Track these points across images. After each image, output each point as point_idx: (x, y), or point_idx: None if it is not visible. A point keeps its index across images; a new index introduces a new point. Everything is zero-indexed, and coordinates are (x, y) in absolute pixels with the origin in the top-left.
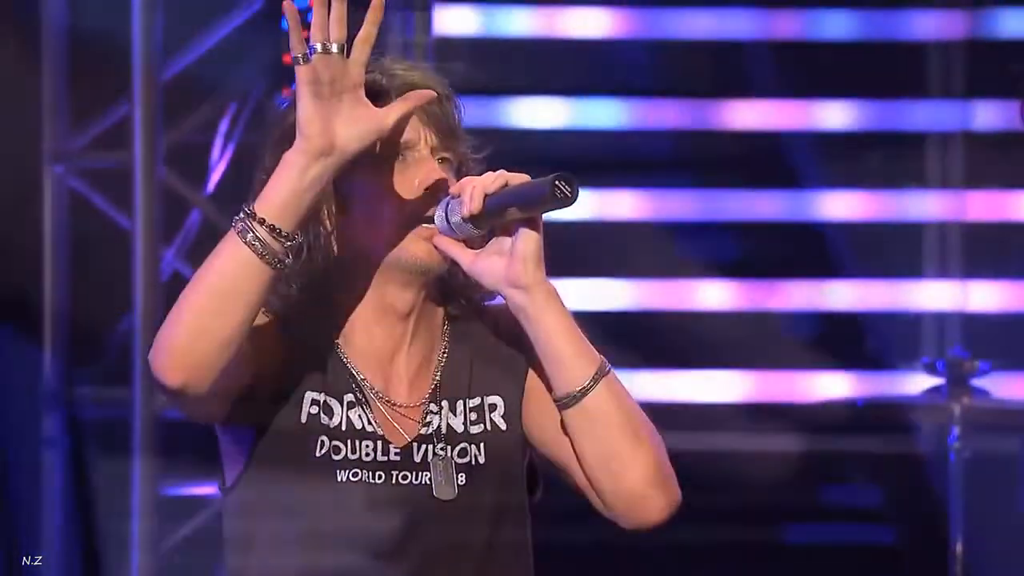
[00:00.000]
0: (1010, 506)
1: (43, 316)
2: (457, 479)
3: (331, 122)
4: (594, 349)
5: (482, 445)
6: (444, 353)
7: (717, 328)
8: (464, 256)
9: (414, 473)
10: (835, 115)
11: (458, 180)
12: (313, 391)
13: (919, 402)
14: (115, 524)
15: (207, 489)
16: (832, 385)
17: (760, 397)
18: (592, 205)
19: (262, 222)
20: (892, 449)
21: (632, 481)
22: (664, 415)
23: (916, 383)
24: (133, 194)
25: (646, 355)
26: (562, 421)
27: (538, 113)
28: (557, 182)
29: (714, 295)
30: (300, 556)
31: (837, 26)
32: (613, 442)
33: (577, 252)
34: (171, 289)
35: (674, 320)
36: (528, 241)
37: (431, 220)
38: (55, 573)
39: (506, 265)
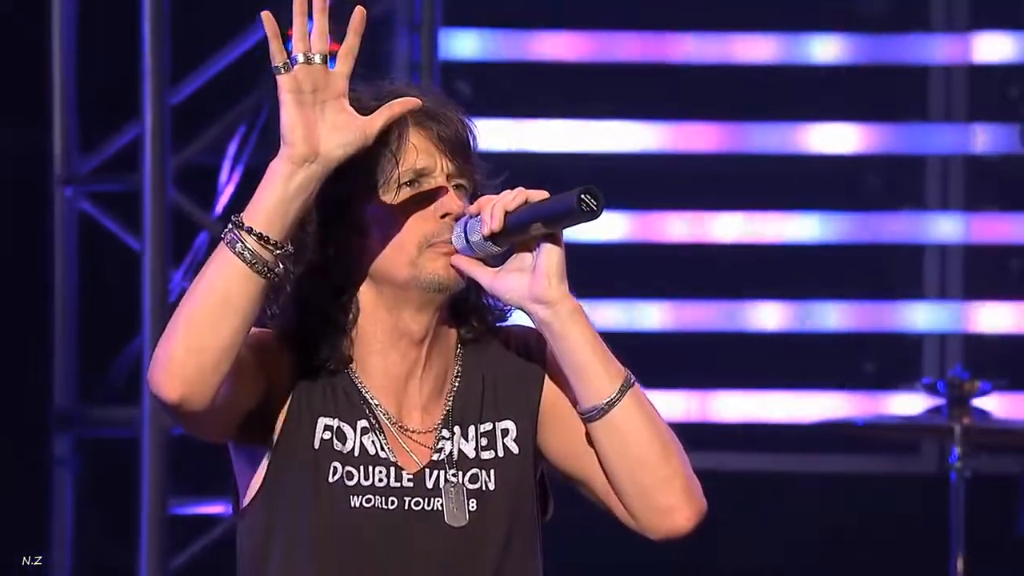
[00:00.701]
0: (1010, 525)
1: (53, 337)
2: (468, 505)
3: (314, 130)
4: (619, 363)
5: (492, 471)
6: (457, 377)
7: (718, 347)
8: (484, 275)
9: (426, 499)
10: (838, 138)
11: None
12: (326, 417)
13: (920, 422)
14: (123, 543)
15: (215, 508)
16: (834, 405)
17: (769, 417)
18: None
19: (250, 231)
20: (893, 468)
21: (661, 492)
22: (677, 432)
23: (917, 403)
24: (143, 216)
25: (655, 375)
26: (587, 434)
27: (543, 135)
28: (583, 195)
29: (717, 314)
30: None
31: (841, 50)
32: (641, 454)
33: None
34: None
35: (677, 341)
36: (551, 256)
37: (447, 242)
38: None
39: (529, 281)
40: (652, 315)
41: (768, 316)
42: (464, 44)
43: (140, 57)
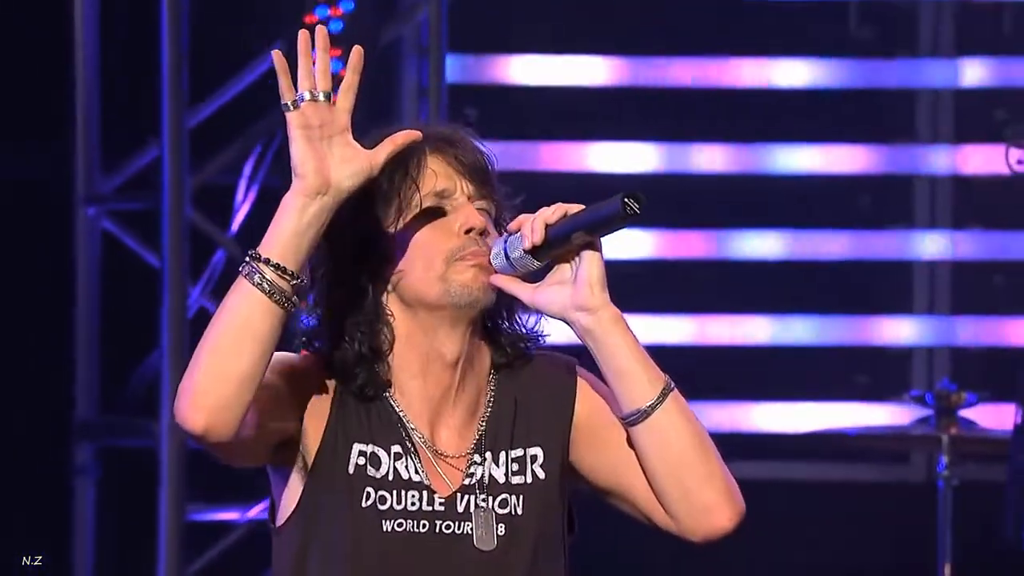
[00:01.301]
0: (996, 531)
1: (75, 349)
2: (497, 529)
3: (324, 163)
4: (658, 368)
5: (521, 496)
6: (490, 402)
7: (711, 359)
8: (523, 291)
9: (456, 523)
10: (833, 159)
11: (495, 227)
12: (360, 443)
13: (909, 432)
14: (142, 549)
15: (231, 514)
16: (827, 415)
17: (762, 427)
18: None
19: (267, 262)
20: (883, 477)
21: (703, 492)
22: None
23: (906, 414)
24: (162, 234)
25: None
26: (625, 444)
27: (553, 157)
28: (627, 199)
29: (713, 328)
30: None
31: (833, 75)
32: (683, 455)
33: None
34: (197, 325)
35: (676, 354)
36: (593, 265)
37: (472, 255)
38: None
39: (571, 292)
40: (657, 329)
41: (764, 329)
42: (471, 69)
43: (159, 82)
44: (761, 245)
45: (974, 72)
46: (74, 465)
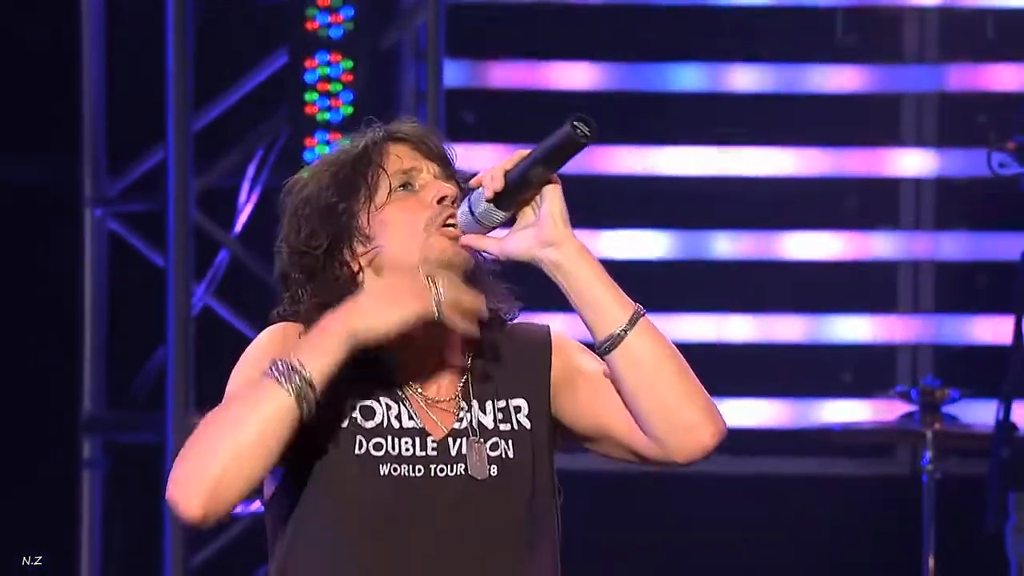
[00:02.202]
0: (978, 523)
1: (83, 346)
2: (491, 470)
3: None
4: (627, 296)
5: (511, 441)
6: (469, 361)
7: (703, 357)
8: (492, 244)
9: (450, 466)
10: (819, 162)
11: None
12: (351, 396)
13: (894, 427)
14: (148, 541)
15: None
16: (814, 411)
17: (749, 423)
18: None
19: (311, 385)
20: (868, 471)
21: (683, 408)
22: None
23: (891, 410)
24: (167, 235)
25: None
26: (602, 385)
27: None
28: (576, 123)
29: (701, 327)
30: (343, 549)
31: (821, 80)
32: (661, 376)
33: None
34: (201, 322)
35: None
36: (553, 199)
37: (447, 220)
38: None
39: (535, 231)
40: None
41: (752, 329)
42: (468, 73)
43: (165, 86)
44: (747, 245)
45: (957, 77)
46: (82, 459)
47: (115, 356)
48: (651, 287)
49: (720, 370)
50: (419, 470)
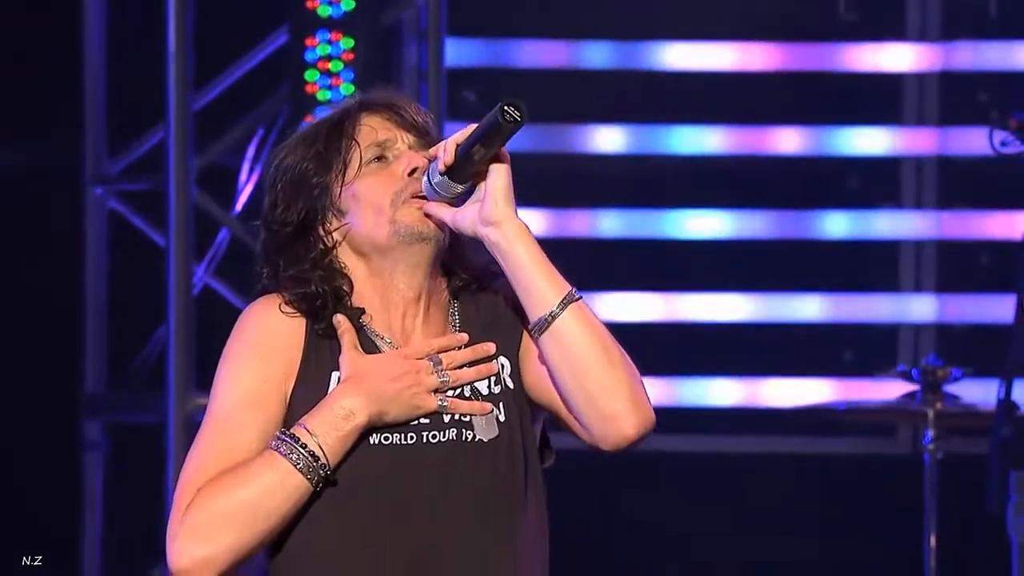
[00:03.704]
0: (980, 503)
1: (84, 326)
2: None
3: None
4: (563, 279)
5: (502, 403)
6: (455, 324)
7: (709, 337)
8: (447, 213)
9: (442, 432)
10: (822, 141)
11: None
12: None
13: (896, 407)
14: (150, 523)
15: None
16: (816, 391)
17: (750, 402)
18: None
19: (320, 463)
20: (870, 450)
21: (606, 398)
22: (665, 418)
23: (893, 389)
24: (167, 214)
25: (642, 363)
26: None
27: (548, 140)
28: (506, 107)
29: (705, 306)
30: (335, 518)
31: (822, 58)
32: (585, 361)
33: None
34: (202, 301)
35: (670, 332)
36: (497, 177)
37: (416, 192)
38: (95, 573)
39: (479, 206)
40: (648, 307)
41: (754, 307)
42: (470, 52)
43: (165, 66)
44: (750, 225)
45: (960, 56)
46: (83, 440)
47: (116, 336)
48: (657, 267)
49: (721, 349)
50: (411, 438)
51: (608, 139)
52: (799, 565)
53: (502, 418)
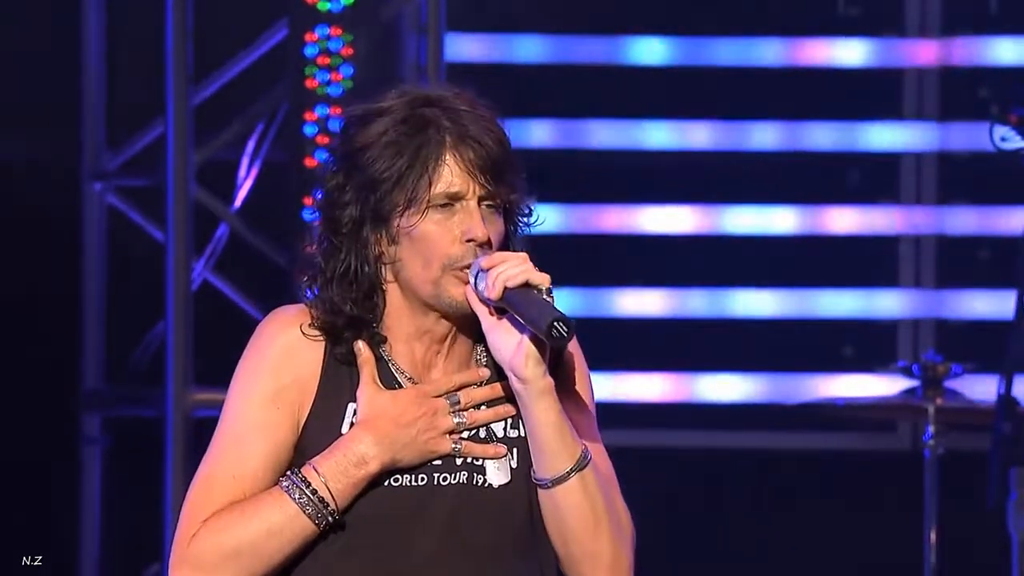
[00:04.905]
0: (980, 499)
1: (83, 322)
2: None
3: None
4: (578, 443)
5: (516, 450)
6: (479, 361)
7: (713, 332)
8: (486, 321)
9: (453, 474)
10: (822, 137)
11: (504, 220)
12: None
13: (896, 403)
14: (149, 518)
15: None
16: (815, 387)
17: (751, 398)
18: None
19: (325, 505)
20: (870, 446)
21: (585, 566)
22: (667, 413)
23: (893, 385)
24: (166, 209)
25: (646, 359)
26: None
27: (551, 136)
28: (555, 323)
29: (710, 302)
30: (342, 559)
31: (822, 53)
32: (574, 529)
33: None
34: (201, 297)
35: (671, 328)
36: (535, 342)
37: (469, 267)
38: (93, 567)
39: (512, 352)
40: (646, 303)
41: (755, 304)
42: (470, 47)
43: (164, 60)
44: (750, 220)
45: (960, 51)
46: (82, 435)
47: (114, 331)
48: (658, 260)
49: (723, 344)
50: (422, 479)
51: (604, 134)
52: (798, 561)
53: (514, 465)
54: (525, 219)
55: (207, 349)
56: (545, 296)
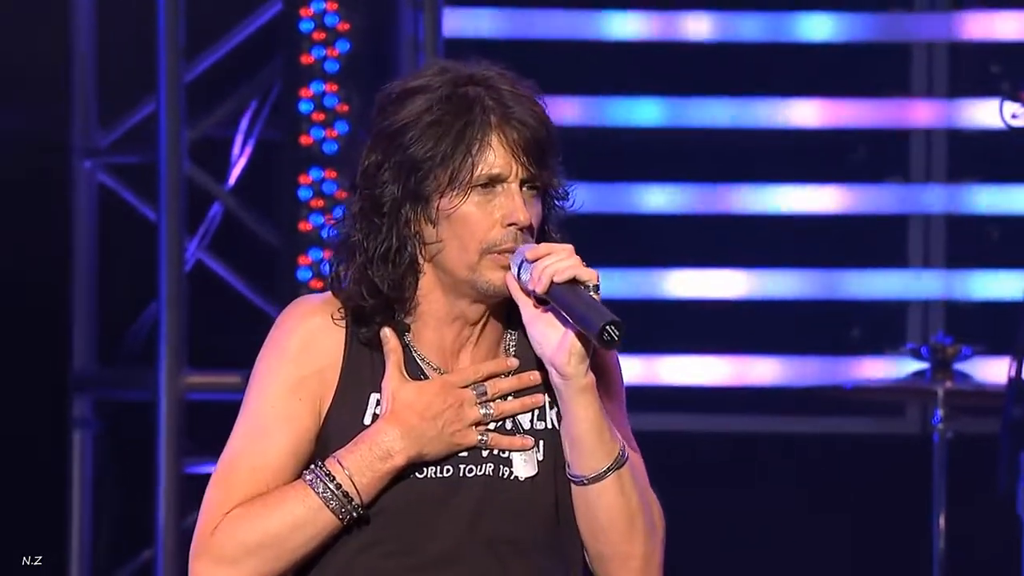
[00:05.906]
0: (990, 484)
1: (73, 302)
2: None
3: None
4: (617, 440)
5: (542, 443)
6: (507, 350)
7: (718, 315)
8: (528, 311)
9: (479, 466)
10: (829, 113)
11: (543, 204)
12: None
13: (905, 385)
14: (140, 502)
15: None
16: (823, 369)
17: (759, 381)
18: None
19: (349, 500)
20: (879, 430)
21: (614, 565)
22: (666, 396)
23: (902, 367)
24: (158, 187)
25: (655, 341)
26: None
27: (555, 112)
28: (608, 326)
29: (714, 283)
30: (364, 551)
31: (829, 29)
32: (607, 527)
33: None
34: (194, 277)
35: (677, 309)
36: (575, 339)
37: (508, 250)
38: (84, 552)
39: (555, 346)
40: (661, 284)
41: (763, 284)
42: (468, 22)
43: (156, 35)
44: (757, 199)
45: (970, 26)
46: (72, 418)
47: (106, 312)
48: (663, 241)
49: (731, 326)
50: (447, 471)
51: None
52: (807, 545)
53: (541, 457)
54: (561, 201)
55: (201, 331)
56: (592, 293)
